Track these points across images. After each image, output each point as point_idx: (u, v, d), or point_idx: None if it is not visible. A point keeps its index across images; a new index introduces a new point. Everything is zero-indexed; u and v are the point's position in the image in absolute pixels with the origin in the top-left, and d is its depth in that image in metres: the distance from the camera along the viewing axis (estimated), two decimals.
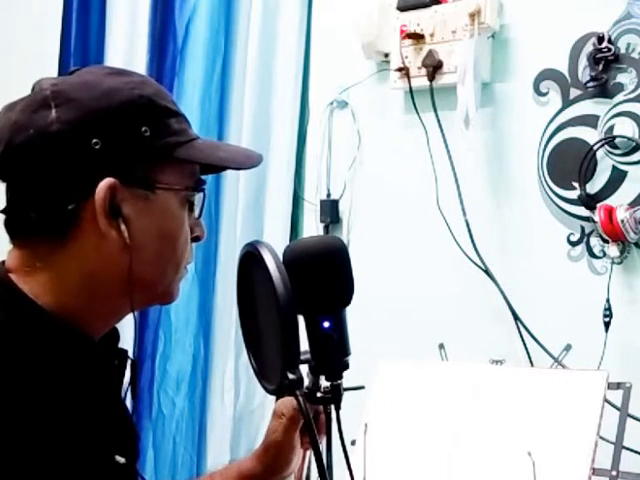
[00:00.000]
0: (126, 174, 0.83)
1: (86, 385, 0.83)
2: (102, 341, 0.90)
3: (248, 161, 0.97)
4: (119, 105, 0.84)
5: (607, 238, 1.55)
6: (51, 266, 0.83)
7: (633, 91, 1.56)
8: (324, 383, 0.90)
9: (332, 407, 0.90)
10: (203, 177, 0.94)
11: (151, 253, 0.87)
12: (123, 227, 0.83)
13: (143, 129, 0.84)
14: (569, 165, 1.63)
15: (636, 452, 1.38)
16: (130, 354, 0.93)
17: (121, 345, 0.94)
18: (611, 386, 1.29)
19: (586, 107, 1.62)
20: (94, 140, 0.81)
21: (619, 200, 1.57)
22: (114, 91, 0.85)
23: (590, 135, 1.61)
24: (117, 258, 0.84)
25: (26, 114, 0.83)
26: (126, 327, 0.96)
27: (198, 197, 0.93)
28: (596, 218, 1.55)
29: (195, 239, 0.95)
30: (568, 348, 1.50)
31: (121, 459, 0.84)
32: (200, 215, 0.95)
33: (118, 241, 0.83)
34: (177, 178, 0.88)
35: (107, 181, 0.81)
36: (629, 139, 1.56)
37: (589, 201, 1.60)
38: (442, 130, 1.75)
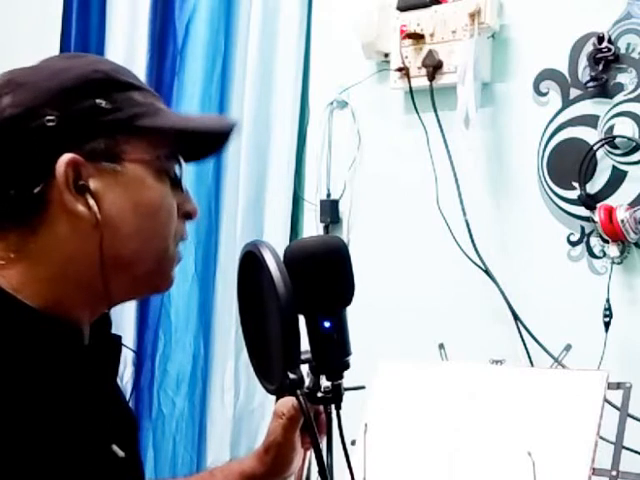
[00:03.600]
0: (88, 149, 0.80)
1: (75, 376, 0.82)
2: (93, 328, 0.88)
3: (221, 126, 0.92)
4: (72, 80, 0.81)
5: (607, 238, 1.55)
6: (26, 255, 0.81)
7: (633, 91, 1.57)
8: (325, 383, 0.90)
9: (332, 407, 0.90)
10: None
11: (128, 228, 0.83)
12: (92, 202, 0.79)
13: (99, 101, 0.81)
14: (569, 165, 1.63)
15: (636, 452, 1.38)
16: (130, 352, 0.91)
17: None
18: (611, 386, 1.29)
19: (586, 107, 1.62)
20: (48, 117, 0.79)
21: (619, 200, 1.57)
22: (67, 69, 0.83)
23: (590, 135, 1.61)
24: (91, 239, 0.80)
25: None
26: (126, 327, 0.96)
27: (177, 170, 0.88)
28: (596, 218, 1.55)
29: (186, 216, 0.91)
30: (568, 348, 1.50)
31: (120, 452, 0.82)
32: (184, 189, 0.90)
33: (89, 218, 0.80)
34: (145, 149, 0.84)
35: (66, 157, 0.79)
36: (629, 139, 1.56)
37: (589, 201, 1.60)
38: (442, 130, 1.75)
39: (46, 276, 0.81)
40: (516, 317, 1.67)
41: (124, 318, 2.13)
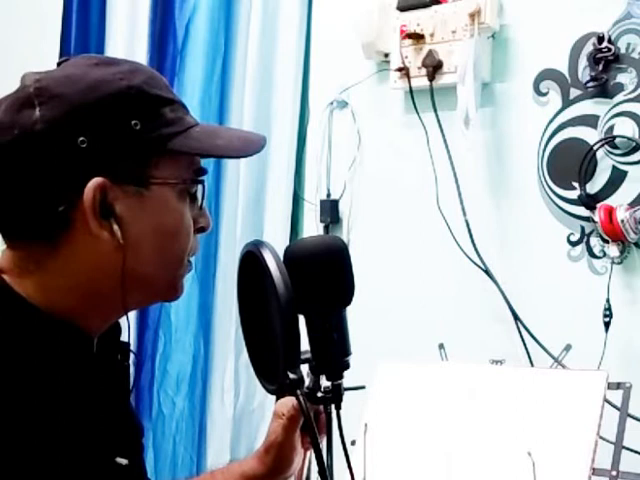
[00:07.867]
0: (117, 172, 0.79)
1: (85, 384, 0.82)
2: (103, 337, 0.88)
3: (248, 148, 0.93)
4: (106, 99, 0.80)
5: (607, 238, 1.55)
6: (44, 269, 0.81)
7: (633, 91, 1.57)
8: (325, 383, 0.90)
9: (332, 407, 0.90)
10: (204, 165, 0.90)
11: (149, 250, 0.84)
12: (116, 227, 0.80)
13: (133, 122, 0.80)
14: (569, 165, 1.63)
15: (636, 452, 1.38)
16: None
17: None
18: (611, 386, 1.29)
19: (586, 107, 1.62)
20: (80, 138, 0.78)
21: (619, 200, 1.57)
22: (100, 84, 0.80)
23: (590, 135, 1.61)
24: (112, 259, 0.81)
25: (10, 113, 0.79)
26: (125, 328, 0.96)
27: (199, 187, 0.89)
28: (596, 218, 1.55)
29: (200, 230, 0.91)
30: (568, 348, 1.50)
31: (123, 461, 0.82)
32: (202, 205, 0.91)
33: (112, 242, 0.80)
34: (173, 171, 0.84)
35: (95, 181, 0.78)
36: (629, 139, 1.56)
37: (589, 201, 1.60)
38: (442, 130, 1.75)
39: (62, 288, 0.82)
40: (516, 317, 1.67)
41: (124, 318, 2.13)
